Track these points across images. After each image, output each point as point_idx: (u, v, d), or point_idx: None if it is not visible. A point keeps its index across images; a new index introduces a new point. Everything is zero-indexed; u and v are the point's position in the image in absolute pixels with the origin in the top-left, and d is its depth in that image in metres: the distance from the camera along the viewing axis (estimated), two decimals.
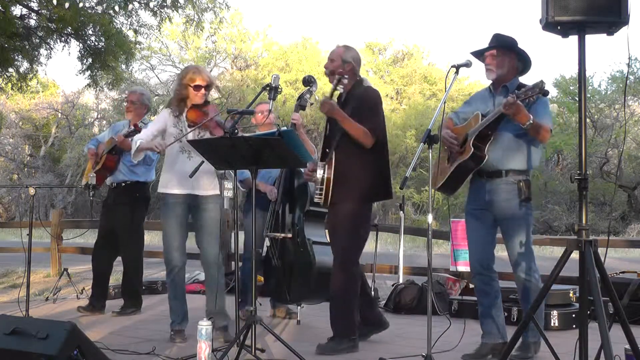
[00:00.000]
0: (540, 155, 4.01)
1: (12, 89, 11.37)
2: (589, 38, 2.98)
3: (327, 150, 4.30)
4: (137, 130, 5.20)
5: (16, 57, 10.15)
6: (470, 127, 3.97)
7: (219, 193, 4.70)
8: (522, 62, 4.03)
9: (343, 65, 4.32)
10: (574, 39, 2.99)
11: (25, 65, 10.57)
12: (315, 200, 4.31)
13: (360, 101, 4.25)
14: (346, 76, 4.22)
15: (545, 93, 3.63)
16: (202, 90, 4.57)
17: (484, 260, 4.01)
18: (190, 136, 4.50)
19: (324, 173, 4.21)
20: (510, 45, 3.98)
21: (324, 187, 4.20)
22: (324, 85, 9.19)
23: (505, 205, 3.89)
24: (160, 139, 4.54)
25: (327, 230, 4.48)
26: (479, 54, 4.04)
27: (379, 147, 4.26)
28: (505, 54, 3.97)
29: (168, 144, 4.48)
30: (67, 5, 9.11)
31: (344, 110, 4.25)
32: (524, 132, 3.77)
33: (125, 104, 5.89)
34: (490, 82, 4.08)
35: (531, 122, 3.66)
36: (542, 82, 3.61)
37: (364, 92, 4.33)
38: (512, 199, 3.87)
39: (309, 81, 4.38)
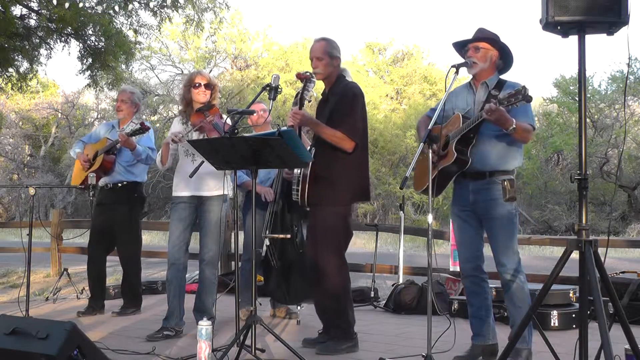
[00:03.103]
0: (522, 154, 3.97)
1: (12, 89, 11.37)
2: (589, 38, 2.98)
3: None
4: (144, 128, 5.22)
5: (16, 57, 10.15)
6: (451, 128, 3.89)
7: (222, 194, 4.74)
8: (504, 59, 3.95)
9: (332, 62, 4.22)
10: (574, 39, 2.99)
11: (25, 65, 10.57)
12: (293, 198, 4.25)
13: (338, 100, 4.17)
14: (313, 79, 4.13)
15: (529, 99, 3.54)
16: (202, 88, 4.77)
17: (472, 261, 3.98)
18: (195, 137, 4.60)
19: (300, 171, 4.16)
20: (495, 39, 3.90)
21: (301, 185, 4.15)
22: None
23: (489, 205, 3.84)
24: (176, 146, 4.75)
25: (307, 230, 4.40)
26: (462, 46, 3.94)
27: (359, 148, 4.18)
28: (489, 49, 3.89)
29: (185, 133, 4.68)
30: (67, 5, 9.12)
31: (325, 108, 4.19)
32: (504, 133, 3.71)
33: (115, 103, 5.87)
34: (471, 77, 3.98)
35: (514, 126, 3.61)
36: (524, 88, 3.53)
37: (343, 89, 4.21)
38: (497, 199, 3.82)
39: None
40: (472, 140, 3.83)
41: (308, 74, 4.22)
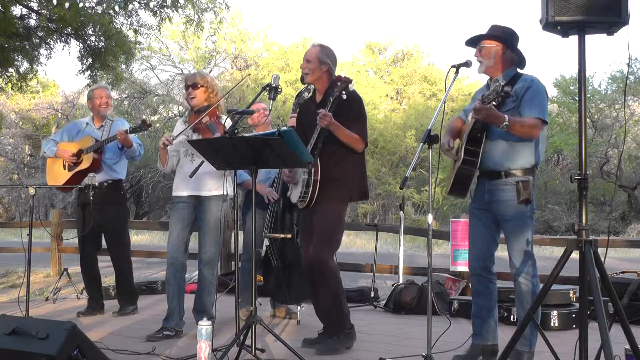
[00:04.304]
0: (541, 150, 3.87)
1: (12, 89, 11.36)
2: (589, 38, 2.98)
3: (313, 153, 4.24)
4: (146, 125, 5.20)
5: (16, 57, 10.14)
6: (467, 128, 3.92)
7: (221, 194, 4.74)
8: (517, 54, 3.90)
9: (320, 67, 4.30)
10: (574, 39, 2.99)
11: (25, 65, 10.56)
12: (297, 200, 4.26)
13: (342, 104, 4.19)
14: (352, 85, 4.17)
15: (502, 95, 3.55)
16: (189, 90, 4.79)
17: (481, 260, 3.97)
18: (195, 138, 4.61)
19: (310, 176, 4.18)
20: (495, 36, 3.87)
21: (310, 190, 4.18)
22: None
23: (503, 206, 3.83)
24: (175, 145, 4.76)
25: (301, 230, 4.42)
26: (473, 43, 3.95)
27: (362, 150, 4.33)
28: (492, 45, 3.86)
29: (175, 135, 4.69)
30: (67, 5, 9.11)
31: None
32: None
33: (96, 100, 5.71)
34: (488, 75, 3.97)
35: (506, 123, 3.59)
36: (499, 85, 3.54)
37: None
38: (510, 200, 3.79)
39: (309, 83, 4.38)
40: (480, 139, 3.80)
41: (347, 77, 4.28)
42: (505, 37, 3.87)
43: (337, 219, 4.27)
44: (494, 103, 3.57)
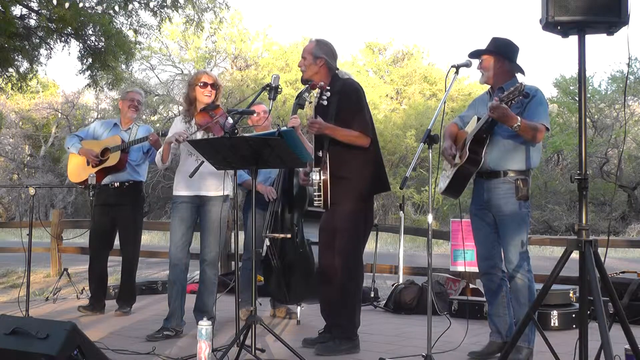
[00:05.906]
0: (538, 154, 4.03)
1: (12, 89, 11.36)
2: (589, 38, 2.99)
3: (320, 154, 4.22)
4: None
5: (16, 57, 10.14)
6: (469, 130, 4.04)
7: (223, 194, 4.73)
8: (515, 64, 4.06)
9: (315, 62, 4.27)
10: (574, 39, 3.00)
11: (25, 65, 10.55)
12: (315, 204, 4.24)
13: (342, 99, 4.16)
14: (328, 88, 4.12)
15: (526, 95, 3.71)
16: (209, 88, 4.73)
17: (489, 259, 4.06)
18: (199, 137, 4.59)
19: (319, 178, 4.16)
20: (489, 50, 4.02)
21: (322, 191, 4.15)
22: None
23: (501, 203, 3.94)
24: (176, 143, 4.68)
25: (320, 230, 4.39)
26: (476, 56, 4.10)
27: (372, 142, 4.23)
28: (489, 58, 4.04)
29: (191, 133, 4.63)
30: (67, 5, 9.10)
31: (327, 109, 4.19)
32: (517, 134, 3.81)
33: (128, 102, 5.77)
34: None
35: (519, 124, 3.72)
36: (521, 84, 3.67)
37: (342, 87, 4.21)
38: (509, 197, 3.91)
39: (307, 79, 4.38)
40: (485, 141, 3.94)
41: (323, 83, 4.24)
42: (499, 51, 4.03)
43: (353, 218, 4.18)
44: (514, 102, 3.70)
